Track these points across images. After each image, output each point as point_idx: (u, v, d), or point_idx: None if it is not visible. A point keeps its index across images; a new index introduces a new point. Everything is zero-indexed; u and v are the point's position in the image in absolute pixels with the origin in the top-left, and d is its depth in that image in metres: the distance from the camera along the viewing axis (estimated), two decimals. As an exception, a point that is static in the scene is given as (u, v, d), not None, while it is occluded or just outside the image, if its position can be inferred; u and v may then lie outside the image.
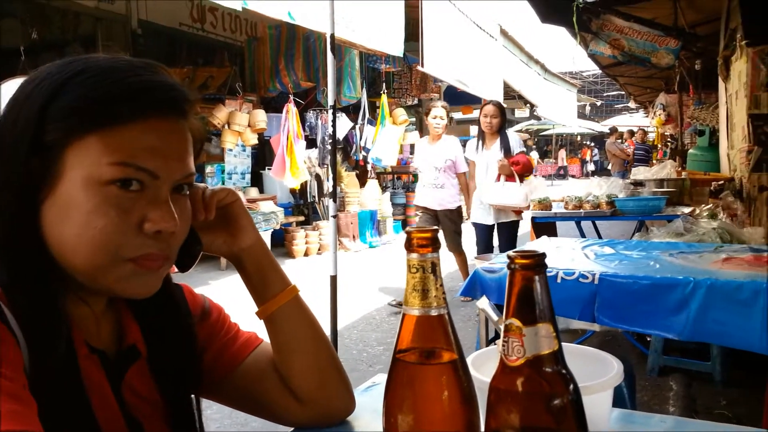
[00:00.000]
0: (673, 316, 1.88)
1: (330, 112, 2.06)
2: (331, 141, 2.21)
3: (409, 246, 0.59)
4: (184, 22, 8.36)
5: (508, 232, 5.03)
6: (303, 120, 7.73)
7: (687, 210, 3.95)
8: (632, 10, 5.50)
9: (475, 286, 2.22)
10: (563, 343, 0.93)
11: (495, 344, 0.63)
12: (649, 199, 4.05)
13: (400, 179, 12.89)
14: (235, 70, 7.95)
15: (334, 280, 2.33)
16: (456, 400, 0.59)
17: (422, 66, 6.96)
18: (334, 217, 2.29)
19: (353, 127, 8.94)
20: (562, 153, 31.05)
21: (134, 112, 0.65)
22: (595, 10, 5.15)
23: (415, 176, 13.25)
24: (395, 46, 6.78)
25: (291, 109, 7.20)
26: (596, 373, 0.77)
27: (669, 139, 11.20)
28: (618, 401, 2.21)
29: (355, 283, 4.93)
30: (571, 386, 0.53)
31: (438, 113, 5.14)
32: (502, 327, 0.54)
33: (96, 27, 7.34)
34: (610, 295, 1.99)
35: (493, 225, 5.04)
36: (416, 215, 5.42)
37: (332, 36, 2.08)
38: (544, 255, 0.54)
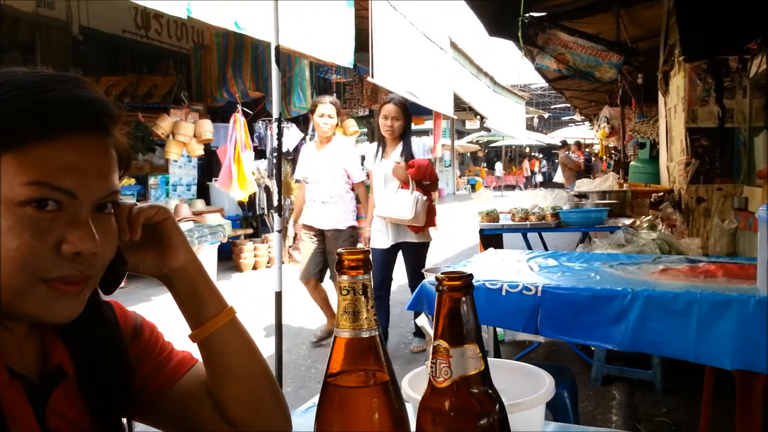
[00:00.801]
0: (613, 327, 1.92)
1: (275, 124, 2.03)
2: (276, 154, 2.17)
3: (339, 268, 0.58)
4: (128, 29, 8.17)
5: (413, 258, 4.13)
6: (251, 130, 7.63)
7: (628, 221, 4.08)
8: (577, 25, 5.68)
9: (422, 299, 2.22)
10: (498, 359, 0.93)
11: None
12: (592, 211, 4.16)
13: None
14: (181, 79, 7.79)
15: (279, 296, 2.29)
16: (387, 422, 0.58)
17: (372, 77, 6.99)
18: (280, 231, 2.25)
19: (303, 138, 8.89)
20: (499, 165, 31.65)
21: (49, 128, 0.63)
22: (540, 25, 5.29)
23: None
24: (345, 57, 6.79)
25: (239, 119, 7.10)
26: (530, 388, 0.77)
27: (613, 152, 11.59)
28: (561, 412, 2.24)
29: (305, 296, 4.87)
30: (497, 406, 0.52)
31: (325, 110, 4.14)
32: (430, 348, 0.53)
33: (35, 33, 7.08)
34: (552, 307, 2.01)
35: (394, 248, 4.11)
36: (306, 236, 4.49)
37: (277, 48, 2.05)
38: (470, 276, 0.53)
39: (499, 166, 31.19)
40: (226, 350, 0.82)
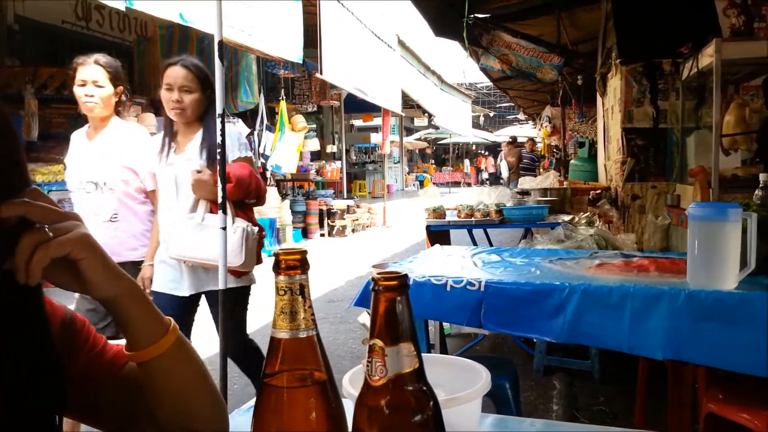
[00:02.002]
0: (552, 320, 1.98)
1: (218, 120, 2.00)
2: (220, 150, 2.14)
3: (276, 268, 0.59)
4: (67, 20, 7.86)
5: (229, 311, 2.54)
6: (198, 125, 7.45)
7: (567, 218, 4.21)
8: (520, 27, 5.81)
9: (368, 296, 2.23)
10: (437, 355, 0.95)
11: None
12: (534, 208, 4.28)
13: (301, 187, 12.81)
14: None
15: (224, 294, 2.26)
16: (324, 421, 0.59)
17: (321, 73, 6.97)
18: (223, 229, 2.22)
19: (251, 134, 8.77)
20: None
21: None
22: (485, 26, 5.38)
23: (317, 183, 13.30)
24: (294, 52, 6.74)
25: (184, 114, 6.92)
26: (468, 383, 0.79)
27: (555, 150, 11.92)
28: (503, 403, 2.29)
29: (253, 293, 4.81)
30: (431, 402, 0.54)
31: (88, 75, 2.63)
32: (367, 346, 0.55)
33: (-34, 22, 6.73)
34: (495, 302, 2.07)
35: (193, 298, 2.64)
36: None
37: (220, 42, 2.02)
38: (405, 276, 0.55)
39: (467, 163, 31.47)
40: (165, 375, 0.78)
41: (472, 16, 5.28)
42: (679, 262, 2.20)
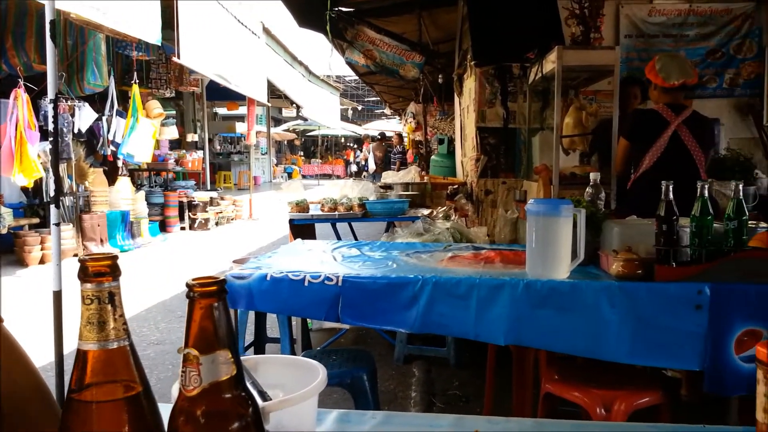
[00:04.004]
0: (406, 312, 2.05)
1: (50, 105, 1.81)
2: (53, 139, 1.94)
3: (82, 275, 0.54)
4: None
5: None
6: (36, 108, 6.76)
7: (427, 212, 4.37)
8: (383, 23, 5.91)
9: (223, 292, 2.16)
10: (274, 356, 0.93)
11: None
12: (395, 202, 4.39)
13: (159, 176, 12.12)
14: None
15: (58, 296, 2.06)
16: (139, 435, 0.55)
17: (178, 57, 6.62)
18: (57, 224, 2.03)
19: (99, 119, 8.12)
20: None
21: None
22: (349, 20, 5.41)
23: (177, 173, 12.63)
24: (151, 33, 6.33)
25: (21, 96, 6.27)
26: (306, 382, 0.78)
27: (419, 145, 12.32)
28: (360, 394, 2.32)
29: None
30: (251, 409, 0.53)
31: None
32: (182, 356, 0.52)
33: None
34: (352, 296, 2.09)
35: None
36: None
37: (53, 22, 1.82)
38: (223, 281, 0.52)
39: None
40: None
41: (336, 9, 5.28)
42: (521, 253, 2.36)
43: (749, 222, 2.12)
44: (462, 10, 5.44)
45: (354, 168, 30.28)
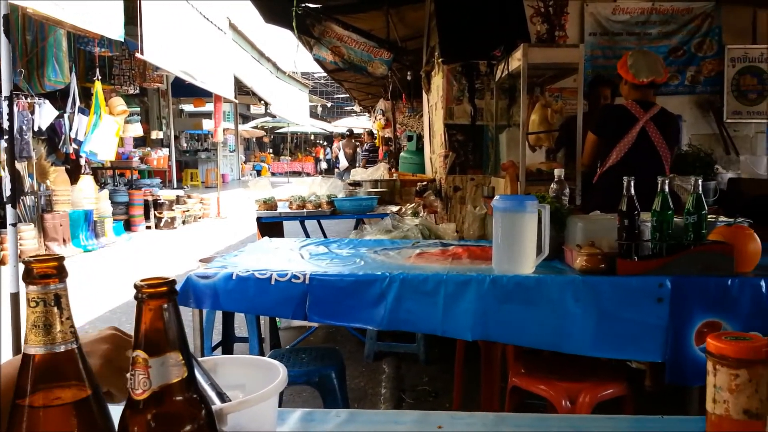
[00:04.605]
0: (374, 309, 2.05)
1: (5, 103, 1.75)
2: (8, 137, 1.87)
3: (27, 277, 0.52)
4: None
5: None
6: (-6, 105, 6.56)
7: (395, 208, 4.37)
8: (351, 20, 5.88)
9: (188, 293, 2.13)
10: (234, 356, 0.92)
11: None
12: (364, 199, 4.38)
13: (123, 174, 11.89)
14: None
15: (15, 298, 2.00)
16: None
17: (142, 53, 6.50)
18: (14, 225, 1.97)
19: (61, 116, 7.92)
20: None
21: None
22: (317, 16, 5.38)
23: (141, 171, 12.40)
24: (113, 29, 6.20)
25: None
26: (264, 382, 0.77)
27: (388, 142, 12.33)
28: (329, 392, 2.31)
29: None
30: (203, 411, 0.51)
31: None
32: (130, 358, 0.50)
33: None
34: (319, 294, 2.08)
35: None
36: None
37: (6, 17, 1.75)
38: (173, 282, 0.51)
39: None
40: None
41: (302, 5, 5.24)
42: (488, 249, 2.37)
43: (709, 216, 2.18)
44: (429, 7, 5.45)
45: (324, 165, 30.13)
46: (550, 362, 2.25)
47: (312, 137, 35.35)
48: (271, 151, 34.21)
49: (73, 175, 8.38)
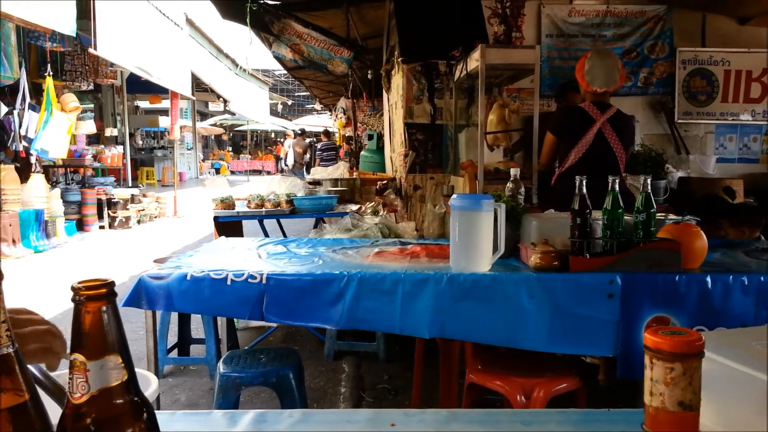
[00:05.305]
0: (331, 308, 2.04)
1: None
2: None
3: (-42, 279, 0.50)
4: None
5: None
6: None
7: (355, 207, 4.36)
8: (311, 18, 5.84)
9: (141, 294, 2.08)
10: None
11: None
12: (323, 198, 4.35)
13: (76, 173, 11.56)
14: None
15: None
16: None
17: (95, 49, 6.32)
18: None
19: (10, 113, 7.65)
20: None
21: None
22: (275, 13, 5.32)
23: (94, 170, 12.05)
24: (65, 23, 6.01)
25: None
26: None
27: (350, 141, 12.30)
28: (287, 393, 2.29)
29: (15, 295, 4.21)
30: (145, 414, 0.50)
31: None
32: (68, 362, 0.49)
33: None
34: (277, 294, 2.06)
35: None
36: None
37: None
38: (112, 284, 0.50)
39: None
40: None
41: (259, 1, 5.17)
42: (446, 248, 2.39)
43: (659, 214, 2.25)
44: (389, 6, 5.46)
45: (284, 163, 29.84)
46: (506, 358, 2.28)
47: (273, 135, 35.01)
48: (230, 149, 33.73)
49: (23, 174, 8.09)
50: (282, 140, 34.79)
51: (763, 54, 5.93)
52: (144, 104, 18.96)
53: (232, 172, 27.57)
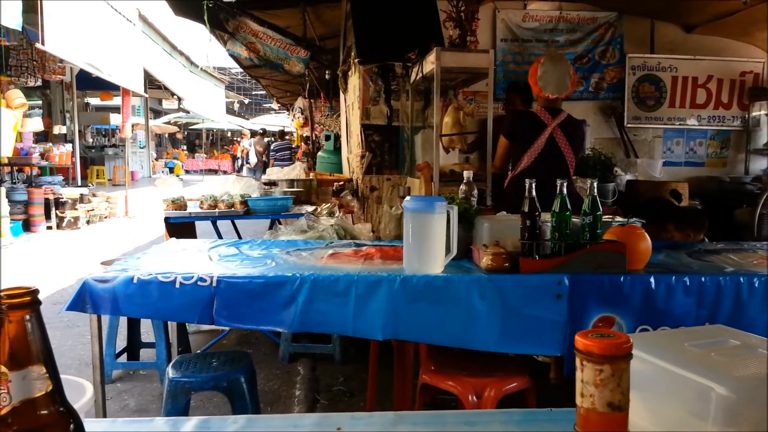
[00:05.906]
0: (284, 311, 2.02)
1: None
2: None
3: None
4: None
5: None
6: None
7: (311, 208, 4.33)
8: (267, 16, 5.78)
9: (85, 298, 2.01)
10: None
11: None
12: (278, 199, 4.30)
13: (21, 172, 11.14)
14: None
15: None
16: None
17: (43, 44, 6.11)
18: None
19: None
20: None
21: None
22: (231, 11, 5.24)
23: (42, 168, 11.63)
24: (10, 17, 5.78)
25: None
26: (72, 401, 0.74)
27: (307, 141, 12.22)
28: (238, 397, 2.26)
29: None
30: (72, 425, 0.49)
31: None
32: None
33: None
34: (228, 296, 2.02)
35: None
36: None
37: None
38: (36, 292, 0.48)
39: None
40: None
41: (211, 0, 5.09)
42: (400, 249, 2.39)
43: (606, 216, 2.31)
44: (346, 6, 5.45)
45: (241, 162, 29.41)
46: (459, 359, 2.30)
47: (229, 134, 34.49)
48: (185, 147, 33.07)
49: (-37, 172, 7.76)
50: (239, 139, 34.32)
51: (708, 61, 6.17)
52: (95, 101, 18.38)
53: (187, 172, 27.02)
